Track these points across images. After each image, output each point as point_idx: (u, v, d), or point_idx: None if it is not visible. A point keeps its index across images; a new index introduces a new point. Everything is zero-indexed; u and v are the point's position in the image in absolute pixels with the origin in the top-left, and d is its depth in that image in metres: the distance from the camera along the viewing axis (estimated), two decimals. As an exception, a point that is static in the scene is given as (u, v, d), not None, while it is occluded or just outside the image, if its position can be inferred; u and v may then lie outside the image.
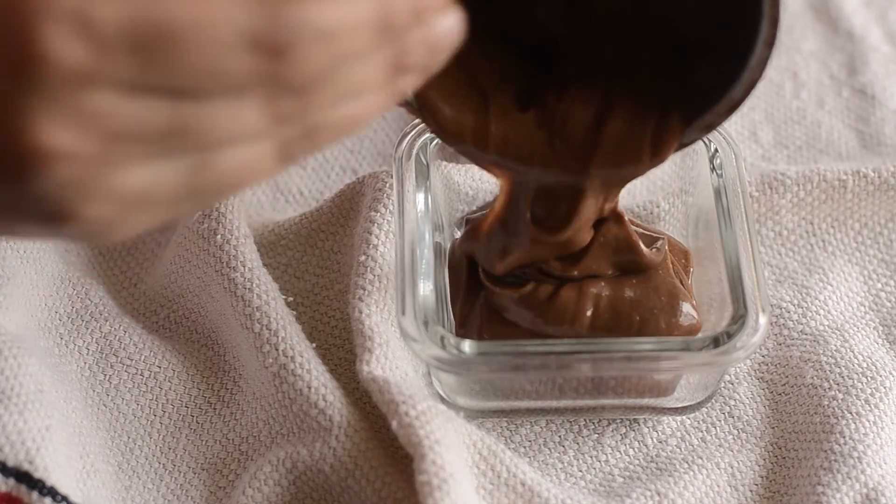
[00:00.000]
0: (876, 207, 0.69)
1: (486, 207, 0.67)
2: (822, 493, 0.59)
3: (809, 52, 0.78)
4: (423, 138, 0.64)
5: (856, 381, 0.62)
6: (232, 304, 0.62)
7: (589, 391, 0.61)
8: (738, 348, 0.58)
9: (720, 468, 0.61)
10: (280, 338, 0.61)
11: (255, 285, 0.62)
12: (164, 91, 0.41)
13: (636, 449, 0.62)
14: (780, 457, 0.62)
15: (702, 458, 0.62)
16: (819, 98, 0.77)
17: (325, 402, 0.59)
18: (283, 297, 0.63)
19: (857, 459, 0.60)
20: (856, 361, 0.63)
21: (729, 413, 0.63)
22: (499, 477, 0.58)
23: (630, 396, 0.62)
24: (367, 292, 0.61)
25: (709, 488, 0.61)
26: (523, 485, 0.58)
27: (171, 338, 0.65)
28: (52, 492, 0.56)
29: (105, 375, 0.63)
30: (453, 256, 0.64)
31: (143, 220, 0.45)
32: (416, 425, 0.57)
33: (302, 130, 0.44)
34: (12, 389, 0.58)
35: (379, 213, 0.63)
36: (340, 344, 0.64)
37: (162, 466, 0.61)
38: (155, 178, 0.43)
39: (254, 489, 0.59)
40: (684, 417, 0.63)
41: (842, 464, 0.59)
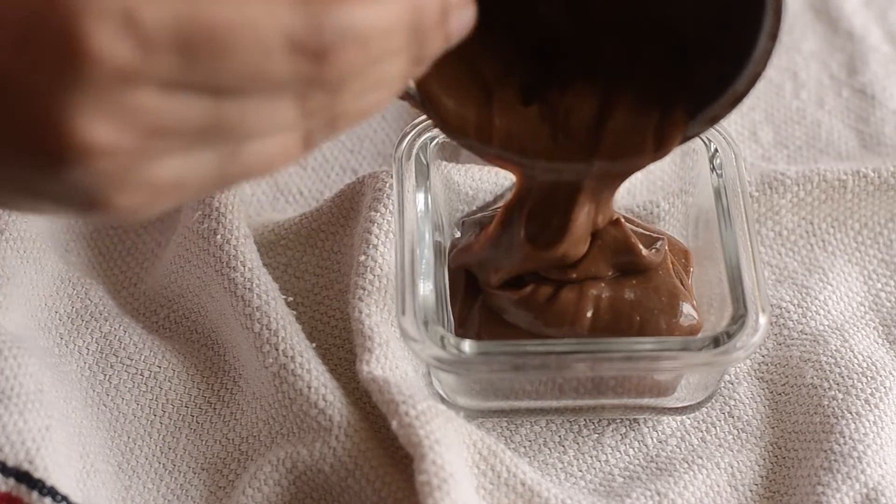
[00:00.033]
0: (876, 207, 0.69)
1: (485, 207, 0.67)
2: (822, 493, 0.59)
3: (809, 52, 0.78)
4: (423, 138, 0.63)
5: (856, 381, 0.62)
6: (232, 304, 0.62)
7: (589, 391, 0.61)
8: (738, 348, 0.58)
9: (720, 468, 0.61)
10: (280, 338, 0.61)
11: (255, 285, 0.62)
12: (205, 89, 0.42)
13: (636, 449, 0.62)
14: (780, 457, 0.62)
15: (702, 458, 0.62)
16: (819, 98, 0.76)
17: (325, 402, 0.59)
18: (283, 297, 0.63)
19: (857, 459, 0.60)
20: (856, 361, 0.63)
21: (729, 413, 0.63)
22: (499, 477, 0.58)
23: (630, 396, 0.62)
24: (367, 292, 0.61)
25: (709, 488, 0.61)
26: (523, 485, 0.58)
27: (171, 338, 0.65)
28: (52, 492, 0.56)
29: (105, 375, 0.63)
30: (452, 259, 0.64)
31: (171, 203, 0.46)
32: (416, 425, 0.57)
33: (327, 120, 0.46)
34: (12, 389, 0.58)
35: (379, 213, 0.63)
36: (340, 344, 0.64)
37: (162, 466, 0.61)
38: (187, 168, 0.44)
39: (254, 489, 0.59)
40: (684, 417, 0.63)
41: (842, 464, 0.59)
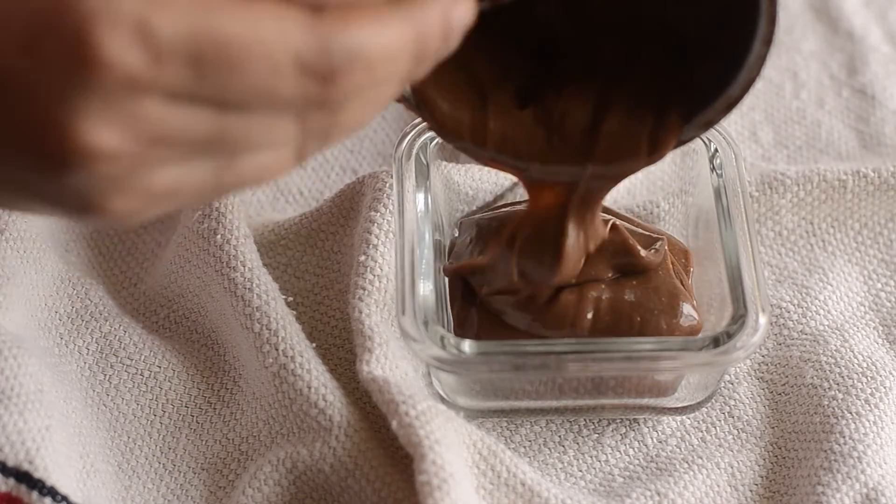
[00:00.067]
0: (876, 207, 0.69)
1: (485, 208, 0.67)
2: (822, 493, 0.59)
3: (809, 52, 0.78)
4: (423, 138, 0.63)
5: (856, 381, 0.62)
6: (232, 304, 0.62)
7: (589, 391, 0.61)
8: (738, 348, 0.58)
9: (720, 468, 0.61)
10: (280, 338, 0.61)
11: (255, 285, 0.62)
12: (212, 103, 0.42)
13: (636, 449, 0.62)
14: (780, 457, 0.62)
15: (702, 458, 0.62)
16: (819, 98, 0.76)
17: (325, 402, 0.59)
18: (283, 297, 0.63)
19: (857, 459, 0.60)
20: (856, 361, 0.63)
21: (729, 413, 0.63)
22: (499, 477, 0.58)
23: (630, 396, 0.62)
24: (367, 292, 0.61)
25: (709, 488, 0.61)
26: (523, 485, 0.58)
27: (171, 338, 0.65)
28: (52, 492, 0.56)
29: (105, 375, 0.63)
30: (446, 269, 0.63)
31: (162, 210, 0.46)
32: (416, 425, 0.57)
33: (320, 135, 0.46)
34: (12, 389, 0.58)
35: (379, 213, 0.63)
36: (340, 344, 0.64)
37: (162, 466, 0.61)
38: (183, 176, 0.44)
39: (254, 489, 0.59)
40: (684, 417, 0.63)
41: (842, 464, 0.59)
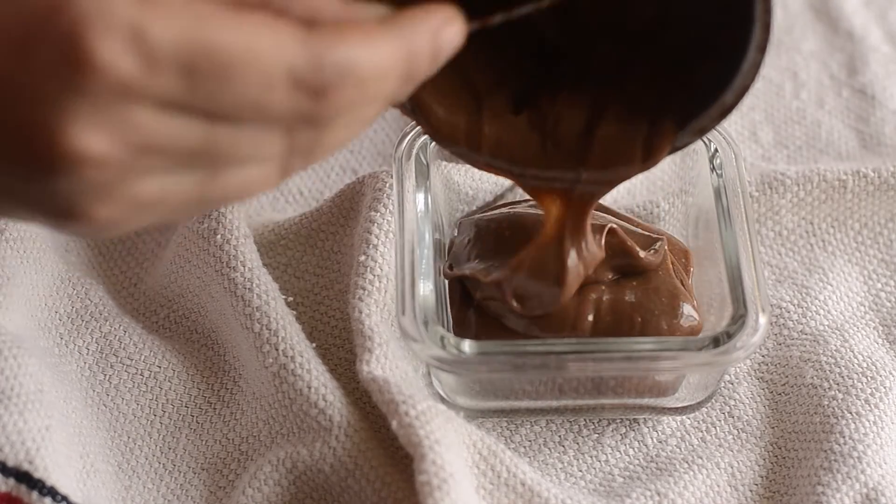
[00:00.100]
0: (876, 207, 0.69)
1: (485, 208, 0.67)
2: (822, 493, 0.59)
3: (809, 52, 0.78)
4: (423, 138, 0.63)
5: (856, 381, 0.62)
6: (232, 304, 0.62)
7: (589, 391, 0.61)
8: (738, 348, 0.58)
9: (720, 468, 0.61)
10: (280, 338, 0.61)
11: (255, 285, 0.62)
12: (203, 113, 0.43)
13: (636, 449, 0.62)
14: (780, 457, 0.62)
15: (702, 458, 0.62)
16: (819, 98, 0.76)
17: (325, 402, 0.59)
18: (283, 297, 0.63)
19: (857, 459, 0.60)
20: (856, 361, 0.63)
21: (729, 413, 0.63)
22: (499, 477, 0.58)
23: (630, 396, 0.62)
24: (367, 292, 0.61)
25: (709, 488, 0.61)
26: (523, 485, 0.58)
27: (171, 338, 0.65)
28: (52, 492, 0.56)
29: (105, 375, 0.63)
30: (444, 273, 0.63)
31: (145, 221, 0.46)
32: (416, 425, 0.57)
33: (306, 152, 0.46)
34: (12, 389, 0.58)
35: (379, 213, 0.63)
36: (340, 344, 0.64)
37: (162, 466, 0.61)
38: (168, 187, 0.44)
39: (254, 489, 0.59)
40: (684, 417, 0.63)
41: (842, 464, 0.59)
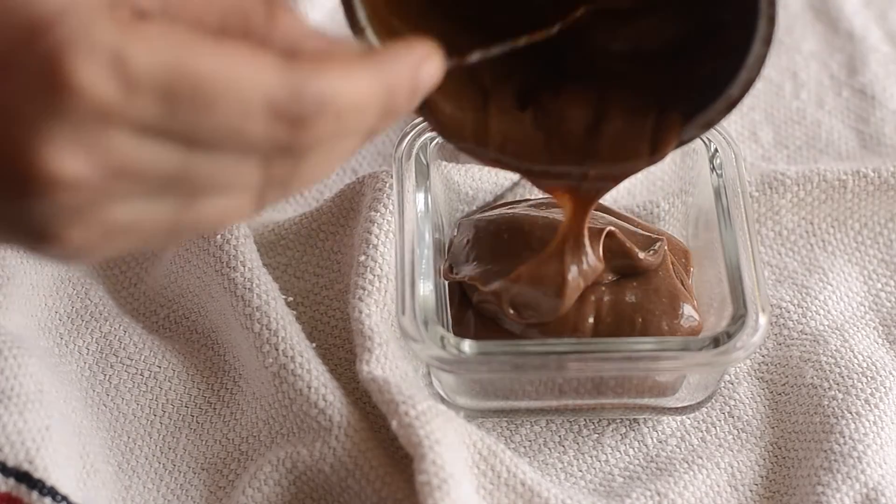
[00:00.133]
0: (876, 207, 0.69)
1: (486, 208, 0.67)
2: (822, 493, 0.59)
3: (809, 52, 0.78)
4: (423, 138, 0.63)
5: (856, 381, 0.62)
6: (232, 304, 0.62)
7: (589, 391, 0.61)
8: (738, 348, 0.58)
9: (720, 468, 0.61)
10: (280, 338, 0.61)
11: (255, 285, 0.62)
12: (181, 140, 0.42)
13: (636, 449, 0.62)
14: (780, 457, 0.62)
15: (702, 458, 0.62)
16: (819, 98, 0.76)
17: (325, 402, 0.59)
18: (283, 297, 0.63)
19: (857, 459, 0.60)
20: (856, 361, 0.63)
21: (729, 413, 0.63)
22: (499, 477, 0.58)
23: (630, 396, 0.62)
24: (367, 292, 0.61)
25: (709, 488, 0.61)
26: (523, 485, 0.58)
27: (171, 338, 0.65)
28: (52, 492, 0.56)
29: (105, 375, 0.63)
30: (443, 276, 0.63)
31: (117, 248, 0.45)
32: (416, 425, 0.57)
33: (280, 184, 0.46)
34: (12, 389, 0.58)
35: (379, 213, 0.63)
36: (340, 344, 0.64)
37: (162, 466, 0.61)
38: (143, 214, 0.44)
39: (254, 489, 0.59)
40: (684, 417, 0.63)
41: (842, 464, 0.59)
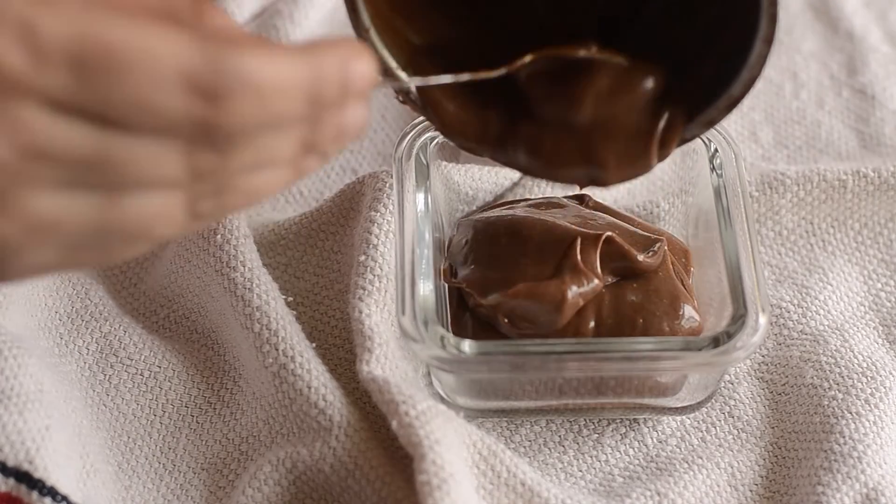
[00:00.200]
0: (876, 207, 0.69)
1: (486, 208, 0.67)
2: (822, 493, 0.59)
3: (809, 52, 0.78)
4: (423, 138, 0.63)
5: (856, 381, 0.62)
6: (232, 304, 0.62)
7: (589, 391, 0.61)
8: (738, 348, 0.58)
9: (720, 468, 0.61)
10: (280, 338, 0.61)
11: (255, 285, 0.62)
12: (94, 116, 0.41)
13: (636, 449, 0.62)
14: (780, 457, 0.62)
15: (702, 458, 0.62)
16: (819, 98, 0.76)
17: (325, 402, 0.59)
18: (283, 297, 0.63)
19: (857, 459, 0.60)
20: (856, 361, 0.63)
21: (729, 413, 0.63)
22: (499, 477, 0.58)
23: (631, 396, 0.62)
24: (367, 292, 0.61)
25: (709, 488, 0.61)
26: (523, 485, 0.58)
27: (171, 338, 0.65)
28: (52, 492, 0.56)
29: (105, 375, 0.63)
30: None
31: (43, 258, 0.44)
32: (416, 425, 0.57)
33: (213, 189, 0.45)
34: (12, 389, 0.58)
35: (379, 213, 0.63)
36: (340, 344, 0.64)
37: (162, 466, 0.61)
38: (63, 208, 0.43)
39: (254, 489, 0.59)
40: (684, 417, 0.63)
41: (842, 464, 0.59)
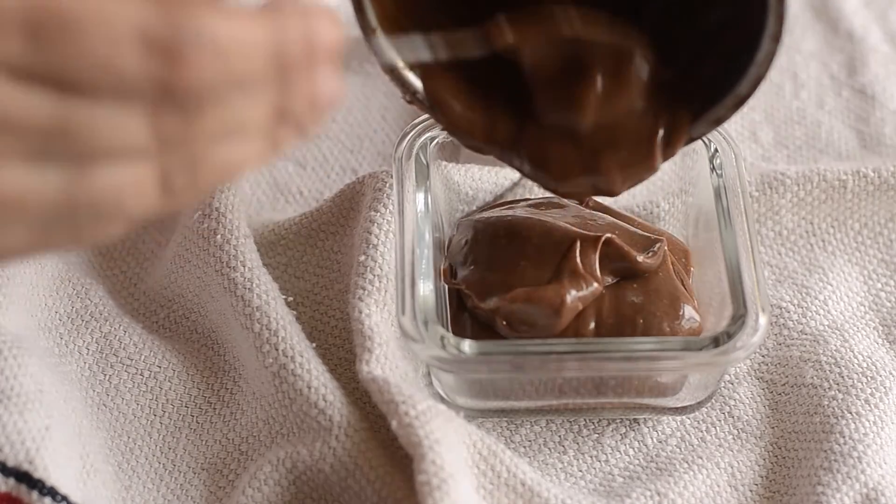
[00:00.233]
0: (876, 207, 0.69)
1: (486, 208, 0.67)
2: (822, 493, 0.59)
3: (809, 52, 0.78)
4: (423, 138, 0.63)
5: (856, 381, 0.62)
6: (232, 304, 0.62)
7: (589, 391, 0.61)
8: (738, 348, 0.58)
9: (720, 468, 0.61)
10: (280, 338, 0.61)
11: (255, 285, 0.62)
12: (53, 82, 0.41)
13: (636, 449, 0.62)
14: (780, 457, 0.62)
15: (702, 458, 0.62)
16: (819, 98, 0.76)
17: (325, 402, 0.59)
18: (283, 297, 0.63)
19: (857, 459, 0.60)
20: (856, 361, 0.63)
21: (729, 413, 0.63)
22: (499, 477, 0.58)
23: (631, 396, 0.62)
24: (367, 292, 0.61)
25: (709, 488, 0.61)
26: (523, 485, 0.58)
27: (171, 338, 0.65)
28: (52, 492, 0.56)
29: (105, 375, 0.63)
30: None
31: (12, 238, 0.43)
32: (416, 425, 0.57)
33: (184, 160, 0.43)
34: (12, 389, 0.58)
35: (379, 213, 0.63)
36: (340, 344, 0.64)
37: (162, 466, 0.61)
38: (29, 182, 0.42)
39: (254, 489, 0.59)
40: (684, 417, 0.63)
41: (842, 464, 0.59)
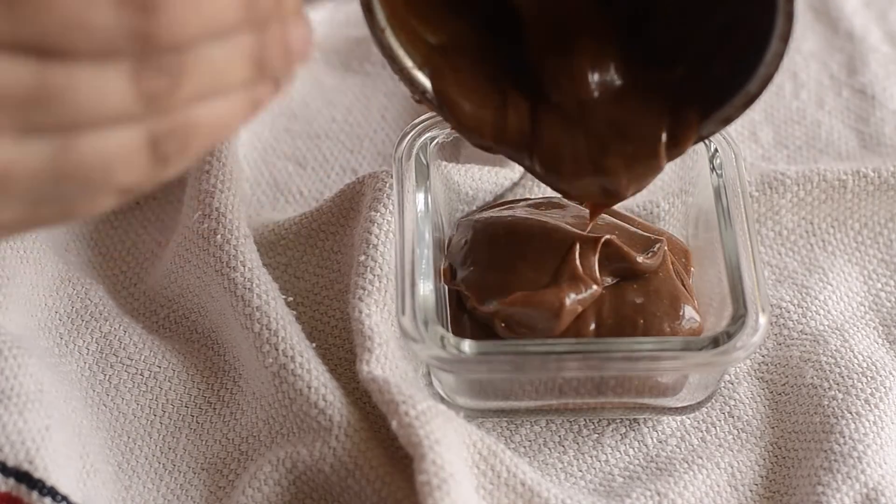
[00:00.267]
0: (876, 207, 0.69)
1: (486, 208, 0.67)
2: (822, 493, 0.59)
3: (809, 52, 0.78)
4: (423, 138, 0.63)
5: (856, 381, 0.62)
6: (232, 304, 0.62)
7: (589, 391, 0.61)
8: (738, 348, 0.58)
9: (720, 468, 0.61)
10: (280, 338, 0.61)
11: (255, 285, 0.62)
12: (30, 48, 0.40)
13: (636, 449, 0.62)
14: (780, 457, 0.62)
15: (702, 458, 0.62)
16: (819, 98, 0.76)
17: (325, 402, 0.59)
18: (283, 297, 0.63)
19: (857, 459, 0.60)
20: (856, 361, 0.63)
21: (729, 413, 0.63)
22: (499, 477, 0.58)
23: (631, 396, 0.62)
24: (367, 292, 0.61)
25: (709, 488, 0.61)
26: (523, 485, 0.58)
27: (171, 338, 0.65)
28: (52, 492, 0.56)
29: (105, 375, 0.63)
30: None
31: (1, 213, 0.43)
32: (416, 425, 0.57)
33: (171, 124, 0.43)
34: (12, 389, 0.58)
35: (379, 213, 0.63)
36: (340, 344, 0.64)
37: (162, 466, 0.61)
38: (14, 155, 0.42)
39: (254, 489, 0.59)
40: (684, 417, 0.63)
41: (842, 464, 0.59)
